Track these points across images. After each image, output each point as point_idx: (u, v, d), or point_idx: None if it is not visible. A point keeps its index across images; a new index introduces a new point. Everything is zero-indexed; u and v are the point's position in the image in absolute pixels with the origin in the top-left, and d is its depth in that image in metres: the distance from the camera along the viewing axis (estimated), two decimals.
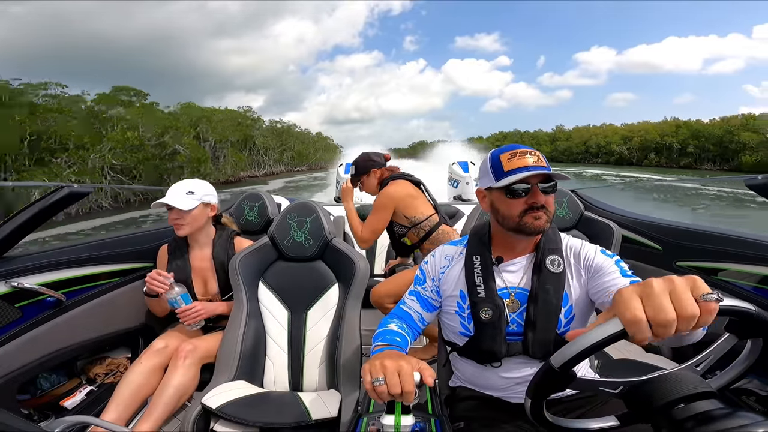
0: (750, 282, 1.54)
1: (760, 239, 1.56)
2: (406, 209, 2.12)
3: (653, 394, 0.60)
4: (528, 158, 0.98)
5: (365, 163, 2.25)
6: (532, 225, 0.98)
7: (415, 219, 2.13)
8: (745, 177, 1.45)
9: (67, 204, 1.58)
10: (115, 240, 1.99)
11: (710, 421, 0.52)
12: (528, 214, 0.98)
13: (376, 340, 1.05)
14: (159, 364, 1.54)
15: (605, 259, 1.02)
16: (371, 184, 2.28)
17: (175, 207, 1.64)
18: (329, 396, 1.39)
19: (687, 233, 1.89)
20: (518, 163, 0.98)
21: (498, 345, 1.04)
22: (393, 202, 2.10)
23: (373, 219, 2.11)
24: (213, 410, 1.28)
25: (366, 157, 2.27)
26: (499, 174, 1.00)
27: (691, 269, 1.81)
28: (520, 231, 1.00)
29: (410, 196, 2.13)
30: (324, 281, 1.61)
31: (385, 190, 2.12)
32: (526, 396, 0.71)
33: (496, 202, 1.04)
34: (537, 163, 0.98)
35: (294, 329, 1.58)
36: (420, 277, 1.20)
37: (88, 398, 1.74)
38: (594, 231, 1.97)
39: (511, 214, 1.00)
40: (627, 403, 0.66)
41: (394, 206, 2.11)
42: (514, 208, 0.99)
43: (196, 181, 1.77)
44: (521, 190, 0.97)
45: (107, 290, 1.87)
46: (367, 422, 0.94)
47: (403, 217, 2.13)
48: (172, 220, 1.67)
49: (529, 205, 0.98)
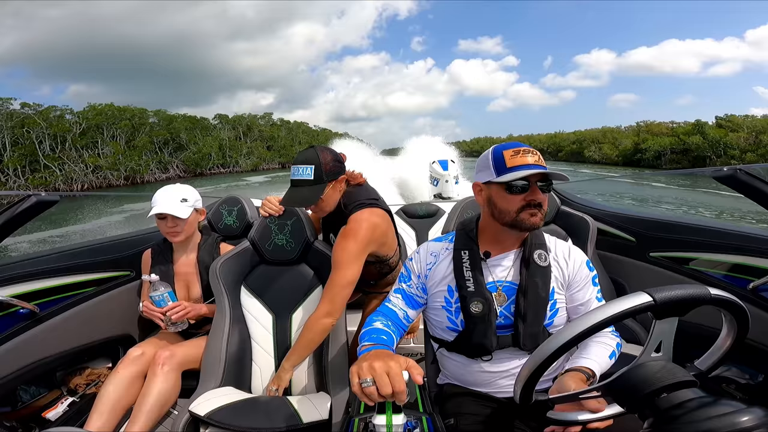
0: (720, 270, 1.61)
1: (729, 229, 1.63)
2: (382, 247, 1.58)
3: (637, 385, 0.63)
4: (529, 157, 1.01)
5: (334, 165, 1.48)
6: (528, 221, 1.02)
7: (386, 256, 1.65)
8: (711, 169, 1.51)
9: (35, 213, 1.53)
10: (89, 248, 1.94)
11: (693, 409, 0.55)
12: (525, 211, 1.01)
13: (362, 339, 1.05)
14: (137, 373, 1.51)
15: (588, 274, 1.11)
16: (332, 200, 1.51)
17: (173, 216, 1.63)
18: (319, 398, 1.39)
19: (659, 224, 1.95)
20: (521, 160, 1.01)
21: (489, 338, 1.07)
22: (374, 242, 1.49)
23: (347, 273, 1.40)
24: (202, 417, 1.26)
25: (332, 156, 1.49)
26: (501, 169, 1.02)
27: (664, 259, 1.87)
28: (516, 226, 1.03)
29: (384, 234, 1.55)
30: (307, 284, 1.60)
31: (367, 223, 1.44)
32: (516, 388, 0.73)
33: (494, 197, 1.06)
34: (538, 163, 1.01)
35: (279, 333, 1.57)
36: (405, 275, 1.22)
37: (71, 409, 1.70)
38: (570, 225, 2.02)
39: (509, 209, 1.02)
40: (612, 394, 0.69)
41: (373, 248, 1.50)
42: (513, 204, 1.02)
43: (185, 186, 1.76)
44: (521, 186, 1.00)
45: (84, 300, 1.82)
46: (359, 423, 0.95)
47: (374, 255, 1.58)
48: (169, 228, 1.65)
49: (528, 202, 1.01)
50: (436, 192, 4.31)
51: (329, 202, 1.50)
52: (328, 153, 1.48)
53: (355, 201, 1.50)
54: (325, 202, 1.48)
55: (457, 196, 3.96)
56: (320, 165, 1.43)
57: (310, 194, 1.44)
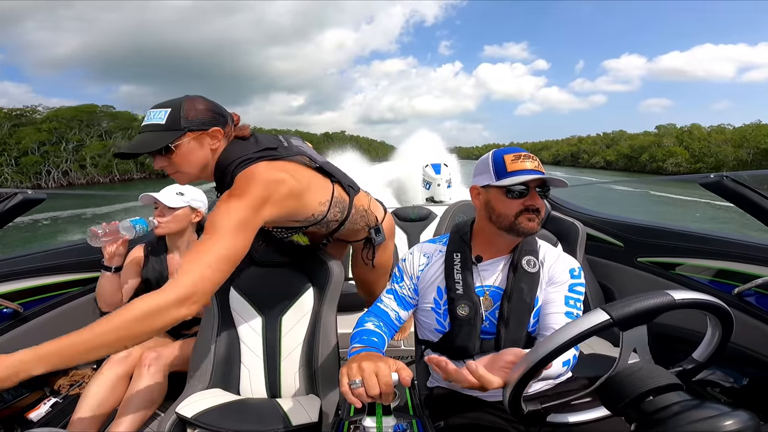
0: (706, 276, 1.64)
1: (714, 235, 1.66)
2: (302, 209, 1.23)
3: (623, 388, 0.63)
4: (528, 162, 1.02)
5: (205, 113, 1.13)
6: (526, 226, 1.02)
7: (316, 215, 1.29)
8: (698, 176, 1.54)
9: (21, 211, 1.50)
10: (74, 248, 1.91)
11: (678, 413, 0.55)
12: (523, 215, 1.02)
13: (353, 340, 1.06)
14: (122, 374, 1.49)
15: (566, 281, 1.10)
16: (194, 159, 1.13)
17: (161, 202, 1.65)
18: (308, 401, 1.37)
19: (647, 230, 1.98)
20: (521, 165, 1.02)
21: (472, 341, 1.08)
22: (277, 205, 1.11)
23: (224, 243, 0.98)
24: (189, 419, 1.24)
25: (207, 105, 1.15)
26: (501, 173, 1.03)
27: (651, 264, 1.90)
28: (513, 231, 1.04)
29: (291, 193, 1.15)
30: (298, 286, 1.59)
31: (258, 180, 1.07)
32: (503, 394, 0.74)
33: (492, 200, 1.06)
34: (537, 168, 1.02)
35: (269, 335, 1.56)
36: (397, 276, 1.22)
37: (54, 410, 1.67)
38: (560, 230, 2.04)
39: (508, 213, 1.03)
40: (600, 398, 0.69)
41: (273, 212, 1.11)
42: (512, 208, 1.03)
43: (190, 186, 1.79)
44: (520, 191, 1.01)
45: (68, 300, 1.80)
46: (349, 425, 0.95)
47: (291, 222, 1.28)
48: (156, 216, 1.68)
49: (526, 207, 1.02)
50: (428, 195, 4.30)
51: (190, 161, 1.12)
52: (201, 101, 1.14)
53: (240, 156, 1.14)
54: (182, 158, 1.11)
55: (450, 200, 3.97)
56: (180, 109, 1.09)
57: (153, 139, 1.07)
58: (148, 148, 1.07)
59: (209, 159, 1.16)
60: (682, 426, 0.53)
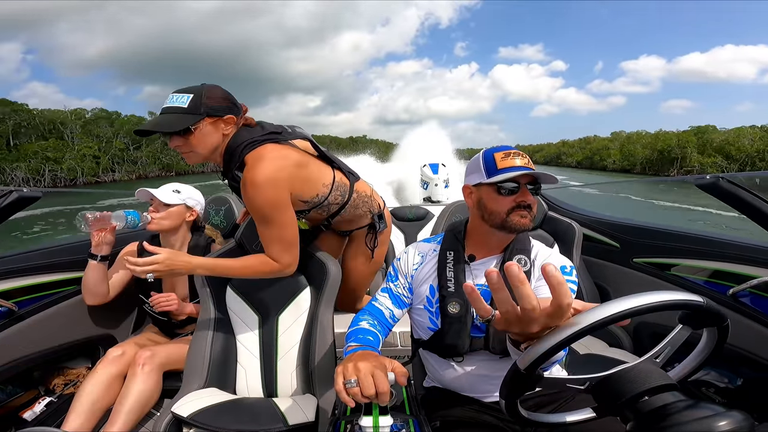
0: (701, 276, 1.65)
1: (710, 236, 1.67)
2: (304, 191, 1.36)
3: (618, 388, 0.64)
4: (518, 160, 1.03)
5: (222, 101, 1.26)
6: (518, 223, 1.03)
7: (315, 197, 1.40)
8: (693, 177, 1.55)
9: (16, 209, 1.50)
10: (69, 247, 1.90)
11: (673, 413, 0.56)
12: (515, 212, 1.02)
13: (348, 339, 1.06)
14: (117, 373, 1.49)
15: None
16: (208, 142, 1.26)
17: (156, 198, 1.65)
18: (305, 401, 1.37)
19: (642, 231, 1.99)
20: (511, 162, 1.02)
21: (462, 340, 1.07)
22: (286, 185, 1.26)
23: (276, 226, 1.27)
24: (185, 419, 1.24)
25: (224, 94, 1.28)
26: (491, 171, 1.03)
27: (647, 265, 1.91)
28: (505, 228, 1.04)
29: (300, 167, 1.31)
30: (294, 285, 1.58)
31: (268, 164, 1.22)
32: (500, 397, 0.74)
33: (484, 198, 1.07)
34: (527, 165, 1.03)
35: (265, 334, 1.55)
36: (392, 274, 1.23)
37: (48, 409, 1.67)
38: (557, 230, 2.06)
39: (499, 211, 1.03)
40: (595, 397, 0.69)
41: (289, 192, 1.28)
42: (503, 205, 1.03)
43: (188, 185, 1.79)
44: (511, 188, 1.02)
45: (63, 298, 1.79)
46: (345, 425, 0.94)
47: (299, 202, 1.38)
48: (150, 212, 1.68)
49: (518, 203, 1.02)
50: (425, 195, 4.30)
51: (205, 143, 1.25)
52: (219, 90, 1.28)
53: (248, 139, 1.27)
54: (198, 140, 1.23)
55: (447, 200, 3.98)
56: (201, 96, 1.21)
57: (176, 120, 1.19)
58: (172, 128, 1.19)
59: (220, 142, 1.29)
60: (677, 426, 0.54)
